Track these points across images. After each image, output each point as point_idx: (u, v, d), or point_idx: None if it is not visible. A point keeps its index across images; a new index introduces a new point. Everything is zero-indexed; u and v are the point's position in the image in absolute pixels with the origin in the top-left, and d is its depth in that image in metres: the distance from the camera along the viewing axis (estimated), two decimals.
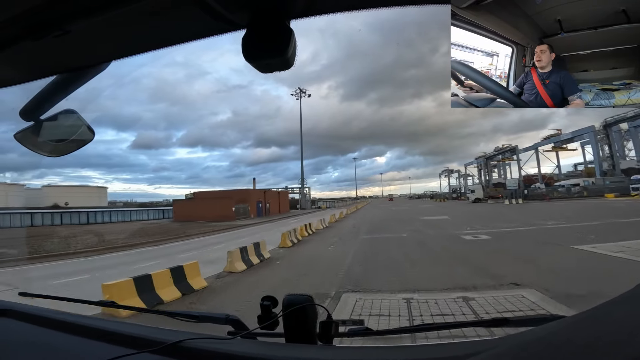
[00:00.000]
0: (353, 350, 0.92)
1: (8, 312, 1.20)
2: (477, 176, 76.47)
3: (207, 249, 14.89)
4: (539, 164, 59.82)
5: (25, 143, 1.11)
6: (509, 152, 62.92)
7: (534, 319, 0.91)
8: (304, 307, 0.93)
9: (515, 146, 61.25)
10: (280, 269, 9.63)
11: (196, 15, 0.69)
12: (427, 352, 0.76)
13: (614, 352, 0.44)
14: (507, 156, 64.13)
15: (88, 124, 1.13)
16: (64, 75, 0.98)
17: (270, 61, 0.73)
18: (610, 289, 1.24)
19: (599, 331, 0.50)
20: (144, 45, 0.85)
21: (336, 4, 0.74)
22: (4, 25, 0.73)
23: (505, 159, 65.65)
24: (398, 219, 26.08)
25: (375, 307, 5.52)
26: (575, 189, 46.49)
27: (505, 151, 63.88)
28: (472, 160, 78.74)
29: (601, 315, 0.54)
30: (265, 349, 0.88)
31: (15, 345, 1.00)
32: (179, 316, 1.14)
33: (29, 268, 11.45)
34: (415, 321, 4.82)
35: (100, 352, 0.87)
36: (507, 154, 63.80)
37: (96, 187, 57.86)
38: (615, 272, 6.62)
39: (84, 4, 0.69)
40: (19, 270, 11.15)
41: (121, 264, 11.32)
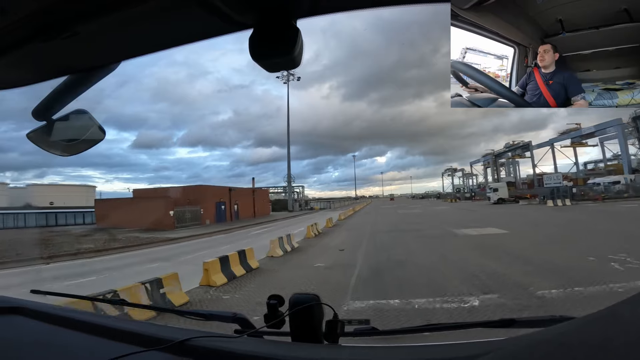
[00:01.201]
0: (359, 349, 0.92)
1: (20, 309, 1.22)
2: (483, 175, 74.36)
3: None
4: (555, 161, 53.64)
5: (38, 142, 1.12)
6: (521, 148, 58.63)
7: (542, 319, 0.89)
8: (311, 306, 0.93)
9: (529, 142, 56.90)
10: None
11: (203, 15, 0.70)
12: (434, 352, 0.75)
13: (627, 353, 0.43)
14: (518, 153, 59.88)
15: (99, 124, 1.15)
16: (74, 75, 0.99)
17: (278, 60, 0.74)
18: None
19: (610, 332, 0.49)
20: (152, 46, 0.86)
21: (341, 3, 0.75)
22: (15, 27, 0.74)
23: (516, 156, 61.12)
24: (421, 236, 14.85)
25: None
26: (616, 188, 38.78)
27: (517, 147, 59.59)
28: (478, 159, 76.08)
29: (613, 316, 0.53)
30: (271, 347, 0.88)
31: (27, 342, 1.01)
32: (187, 314, 1.15)
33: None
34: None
35: (109, 349, 0.88)
36: (518, 150, 59.59)
37: (84, 186, 54.68)
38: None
39: (93, 6, 0.71)
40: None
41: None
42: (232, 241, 17.20)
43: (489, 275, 7.10)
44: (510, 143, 62.47)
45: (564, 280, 6.28)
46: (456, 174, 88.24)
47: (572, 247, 9.90)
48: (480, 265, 8.17)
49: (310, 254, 11.85)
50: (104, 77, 1.00)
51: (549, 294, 5.69)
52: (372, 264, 9.26)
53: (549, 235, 12.79)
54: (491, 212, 28.72)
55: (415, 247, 11.97)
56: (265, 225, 28.07)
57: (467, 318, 4.82)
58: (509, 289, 6.03)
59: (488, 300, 5.50)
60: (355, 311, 5.45)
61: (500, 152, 65.84)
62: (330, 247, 13.43)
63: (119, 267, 11.20)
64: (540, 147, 55.69)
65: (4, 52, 0.83)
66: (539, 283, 6.23)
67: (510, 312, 4.88)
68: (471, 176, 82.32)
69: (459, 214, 29.55)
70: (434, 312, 5.19)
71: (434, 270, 8.08)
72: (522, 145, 58.91)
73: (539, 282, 6.32)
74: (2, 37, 0.78)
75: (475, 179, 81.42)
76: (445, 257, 9.56)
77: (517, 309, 5.05)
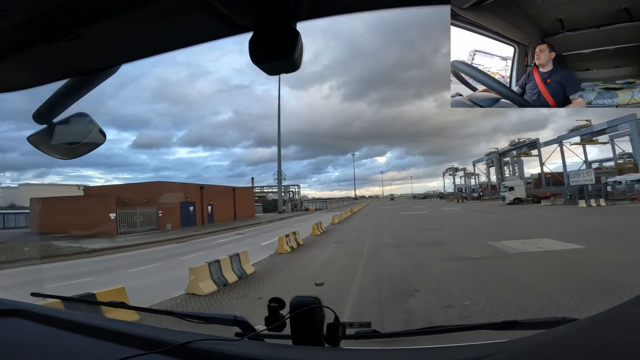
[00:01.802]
0: (360, 352, 0.91)
1: (19, 312, 1.22)
2: (486, 174, 72.57)
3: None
4: (564, 159, 49.42)
5: (39, 146, 1.12)
6: (527, 146, 55.65)
7: (545, 321, 0.89)
8: (312, 309, 0.93)
9: (536, 139, 53.94)
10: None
11: (204, 18, 0.70)
12: (436, 355, 0.75)
13: (630, 356, 0.43)
14: (524, 151, 56.78)
15: (100, 127, 1.15)
16: (76, 78, 0.99)
17: (278, 63, 0.73)
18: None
19: (614, 334, 0.49)
20: (154, 49, 0.86)
21: (341, 5, 0.75)
22: (17, 29, 0.74)
23: (522, 155, 58.01)
24: (451, 256, 9.41)
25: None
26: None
27: (523, 145, 56.58)
28: (481, 157, 73.12)
29: (616, 318, 0.53)
30: (272, 350, 0.88)
31: (26, 345, 1.00)
32: (187, 317, 1.15)
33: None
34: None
35: (109, 352, 0.88)
36: (524, 148, 56.55)
37: (71, 185, 53.26)
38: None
39: (95, 8, 0.71)
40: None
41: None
42: (159, 258, 12.35)
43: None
44: (515, 141, 59.66)
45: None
46: (457, 173, 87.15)
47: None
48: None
49: (263, 291, 7.11)
50: (105, 80, 1.00)
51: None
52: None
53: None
54: (519, 215, 23.37)
55: (452, 281, 6.67)
56: (241, 231, 23.35)
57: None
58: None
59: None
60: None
61: (505, 150, 63.05)
62: (304, 275, 8.40)
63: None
64: (547, 144, 52.90)
65: (7, 54, 0.83)
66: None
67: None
68: (472, 176, 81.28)
69: (477, 217, 24.19)
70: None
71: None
72: (528, 142, 55.93)
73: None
74: (5, 40, 0.78)
75: (477, 178, 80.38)
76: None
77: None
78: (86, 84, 1.01)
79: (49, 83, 1.00)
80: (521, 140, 58.11)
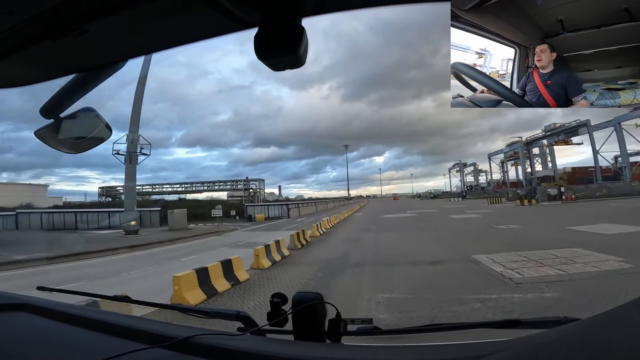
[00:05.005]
0: (361, 348, 0.91)
1: (26, 306, 1.22)
2: (500, 170, 60.60)
3: None
4: (624, 146, 38.32)
5: (46, 140, 1.12)
6: (565, 133, 41.89)
7: (546, 321, 0.88)
8: (314, 305, 0.93)
9: (587, 120, 40.06)
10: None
11: (209, 14, 0.70)
12: (437, 352, 0.75)
13: (631, 356, 0.43)
14: (562, 138, 43.10)
15: (106, 122, 1.15)
16: (82, 74, 1.00)
17: (283, 59, 0.74)
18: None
19: (615, 334, 0.49)
20: (159, 44, 0.87)
21: (345, 1, 0.75)
22: (25, 25, 0.75)
23: (561, 143, 43.92)
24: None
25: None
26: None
27: (561, 132, 42.73)
28: (501, 149, 59.99)
29: (617, 318, 0.52)
30: (274, 345, 0.88)
31: (32, 339, 1.01)
32: (191, 312, 1.16)
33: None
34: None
35: (113, 346, 0.89)
36: (561, 135, 42.86)
37: (31, 184, 45.35)
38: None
39: (102, 4, 0.71)
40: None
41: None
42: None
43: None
44: (552, 125, 45.64)
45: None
46: (467, 168, 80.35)
47: None
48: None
49: None
50: (111, 75, 1.01)
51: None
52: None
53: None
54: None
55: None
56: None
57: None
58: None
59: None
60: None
61: (535, 138, 49.31)
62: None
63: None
64: (597, 129, 40.39)
65: (15, 50, 0.85)
66: None
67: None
68: (481, 173, 74.18)
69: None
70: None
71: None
72: (572, 127, 41.82)
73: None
74: (13, 36, 0.79)
75: (486, 175, 70.59)
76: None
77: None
78: (93, 79, 1.02)
79: (55, 78, 1.01)
80: (557, 125, 45.08)
